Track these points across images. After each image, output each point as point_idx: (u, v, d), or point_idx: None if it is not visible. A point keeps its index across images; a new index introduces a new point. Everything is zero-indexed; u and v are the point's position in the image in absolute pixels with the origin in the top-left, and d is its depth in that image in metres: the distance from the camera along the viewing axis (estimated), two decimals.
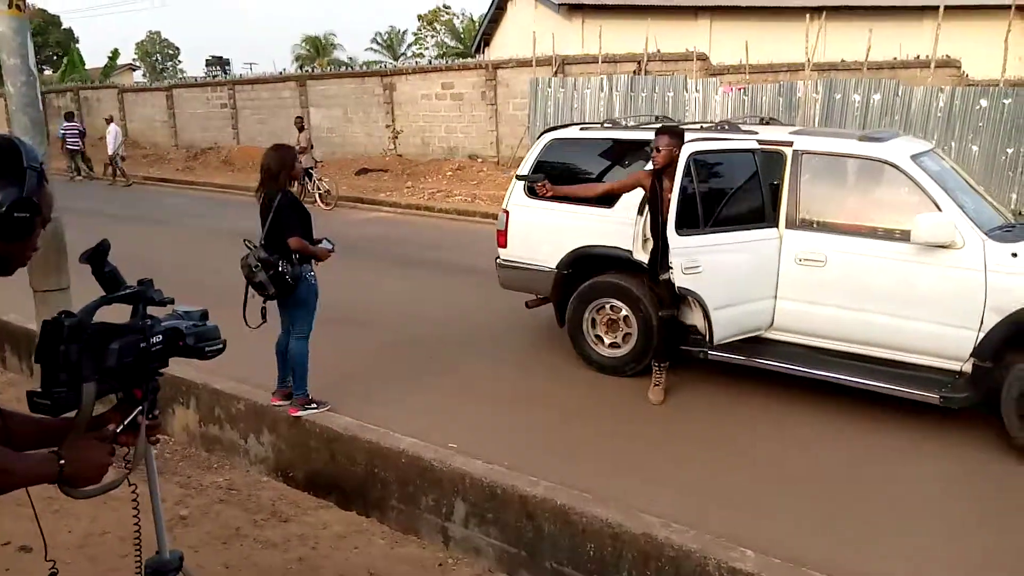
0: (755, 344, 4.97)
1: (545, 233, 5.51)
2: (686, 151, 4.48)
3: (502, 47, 22.41)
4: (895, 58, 14.56)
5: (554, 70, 15.05)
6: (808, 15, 13.48)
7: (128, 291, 1.83)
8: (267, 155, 4.45)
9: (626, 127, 5.64)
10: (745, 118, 5.70)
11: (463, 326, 6.60)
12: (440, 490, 4.12)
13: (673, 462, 4.17)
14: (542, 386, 5.25)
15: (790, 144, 4.88)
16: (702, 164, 4.62)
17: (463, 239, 10.82)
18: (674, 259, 4.44)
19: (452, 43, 43.18)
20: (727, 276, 4.66)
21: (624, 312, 5.25)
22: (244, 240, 4.53)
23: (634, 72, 14.38)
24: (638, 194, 5.08)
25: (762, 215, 4.80)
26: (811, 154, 4.82)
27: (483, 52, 24.21)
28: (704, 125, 5.53)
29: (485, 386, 5.24)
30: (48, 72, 36.38)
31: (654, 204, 4.69)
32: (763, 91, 13.03)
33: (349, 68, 21.64)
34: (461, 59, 21.23)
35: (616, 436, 4.51)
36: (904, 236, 4.39)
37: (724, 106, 13.11)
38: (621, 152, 5.43)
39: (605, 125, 5.70)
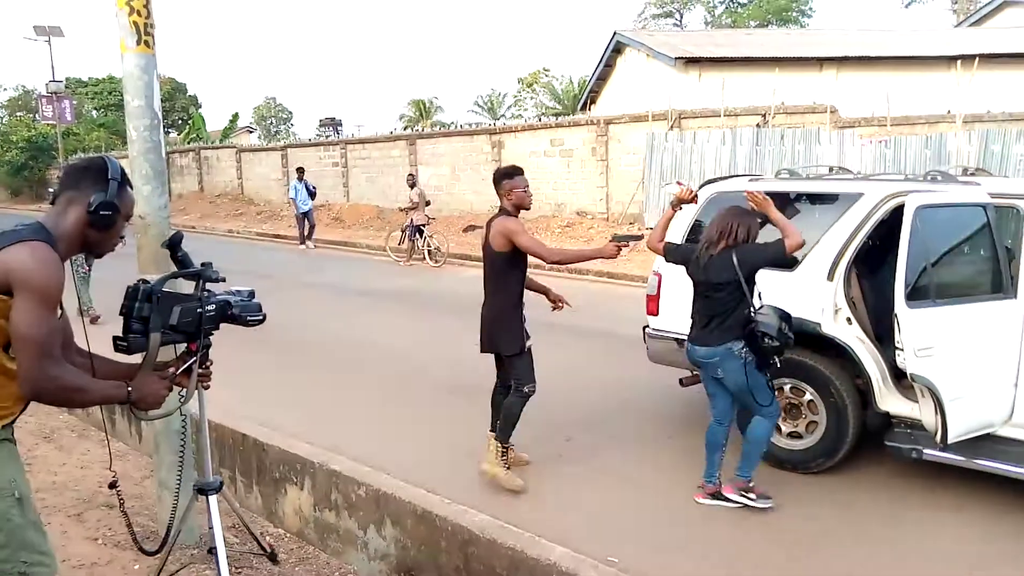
0: (978, 442, 3.98)
1: None
2: (912, 203, 3.64)
3: (609, 104, 21.99)
4: None
5: (670, 124, 14.37)
6: (959, 63, 12.37)
7: (192, 270, 2.46)
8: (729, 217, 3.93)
9: (806, 178, 4.81)
10: (944, 169, 4.78)
11: (599, 402, 5.82)
12: None
13: None
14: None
15: None
16: (930, 221, 3.74)
17: (579, 299, 10.06)
18: (905, 338, 3.55)
19: (551, 104, 43.28)
20: (963, 359, 3.74)
21: (808, 396, 4.37)
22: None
23: (757, 125, 13.52)
24: (826, 254, 4.26)
25: (999, 283, 3.87)
26: None
27: (589, 109, 23.85)
28: (908, 176, 4.62)
29: (640, 478, 4.44)
30: (173, 135, 38.60)
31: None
32: (907, 144, 11.92)
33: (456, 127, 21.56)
34: (572, 116, 20.84)
35: (815, 554, 3.60)
36: None
37: (862, 159, 12.06)
38: (803, 206, 4.59)
39: (781, 176, 4.88)
